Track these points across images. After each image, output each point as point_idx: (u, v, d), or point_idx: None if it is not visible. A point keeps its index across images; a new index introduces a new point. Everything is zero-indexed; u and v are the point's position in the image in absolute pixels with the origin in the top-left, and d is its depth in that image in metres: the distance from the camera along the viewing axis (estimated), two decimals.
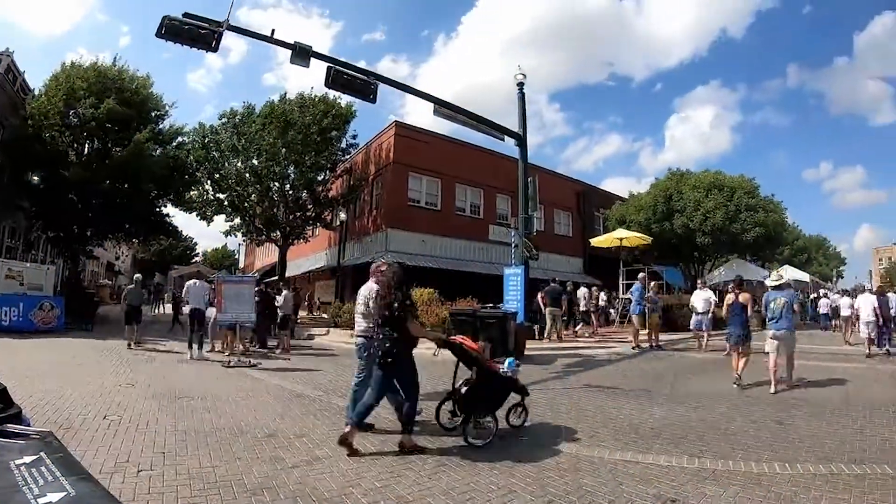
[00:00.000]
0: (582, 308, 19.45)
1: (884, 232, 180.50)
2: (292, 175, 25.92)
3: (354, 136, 27.21)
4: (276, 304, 14.79)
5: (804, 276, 31.21)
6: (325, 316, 24.13)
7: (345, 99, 24.50)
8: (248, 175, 25.38)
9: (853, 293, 20.33)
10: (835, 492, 4.31)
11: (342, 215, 26.02)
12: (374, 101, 12.44)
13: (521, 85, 15.40)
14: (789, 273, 29.26)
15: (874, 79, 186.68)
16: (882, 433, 6.14)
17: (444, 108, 13.85)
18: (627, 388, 8.97)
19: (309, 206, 26.77)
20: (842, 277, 64.83)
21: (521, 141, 14.91)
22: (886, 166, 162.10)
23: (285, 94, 26.01)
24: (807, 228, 67.62)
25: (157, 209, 25.71)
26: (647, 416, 6.95)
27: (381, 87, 12.54)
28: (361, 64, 16.78)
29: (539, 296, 17.06)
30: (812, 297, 28.68)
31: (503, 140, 15.13)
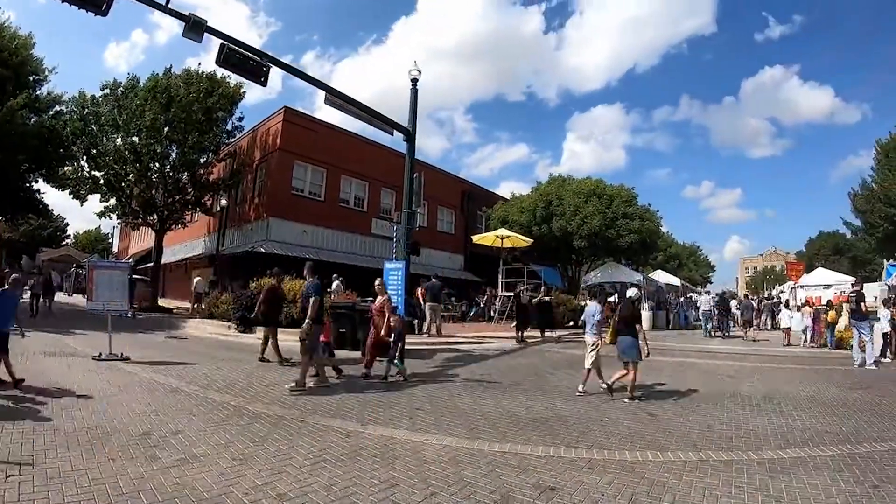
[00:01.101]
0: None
1: (751, 244, 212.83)
2: (173, 155, 24.26)
3: (241, 119, 25.97)
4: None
5: (675, 281, 33.53)
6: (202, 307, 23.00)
7: (234, 79, 23.25)
8: (127, 153, 23.30)
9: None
10: (704, 476, 4.69)
11: (223, 201, 24.89)
12: (264, 83, 11.92)
13: (414, 81, 15.38)
14: (661, 277, 31.42)
15: (756, 118, 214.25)
16: (743, 423, 6.83)
17: (335, 97, 13.57)
18: (505, 383, 9.22)
19: (189, 190, 25.21)
20: (710, 283, 70.63)
21: (409, 136, 14.89)
22: (760, 191, 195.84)
23: (170, 67, 24.33)
24: (681, 237, 73.18)
25: (28, 184, 23.41)
26: (524, 409, 7.20)
27: (313, 89, 12.08)
28: (287, 59, 16.09)
29: (418, 291, 17.20)
30: (682, 299, 31.00)
31: (392, 134, 15.03)
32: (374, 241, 25.41)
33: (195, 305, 22.89)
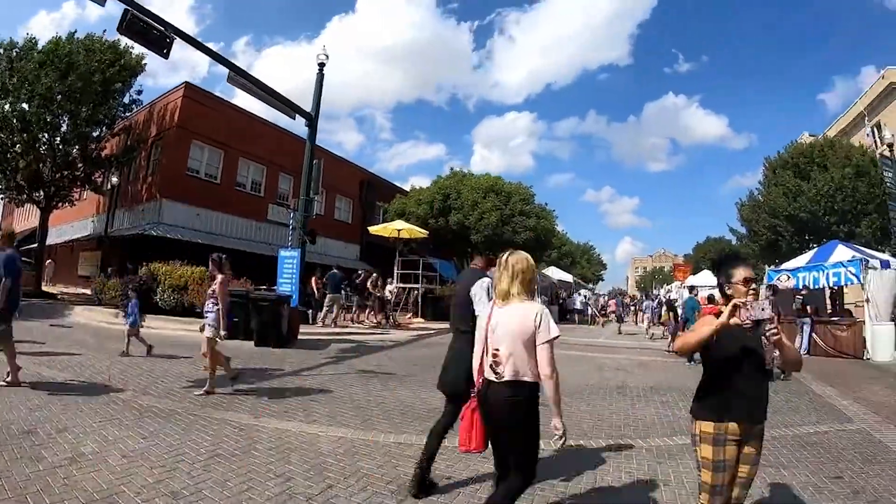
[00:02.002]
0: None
1: (642, 245, 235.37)
2: (65, 127, 22.32)
3: (140, 92, 24.31)
4: None
5: (568, 277, 34.83)
6: (87, 292, 21.62)
7: (137, 49, 21.80)
8: (14, 121, 21.19)
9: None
10: (595, 462, 5.01)
11: (114, 178, 23.49)
12: (166, 56, 11.41)
13: (321, 66, 15.18)
14: (554, 273, 32.59)
15: (656, 136, 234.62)
16: (632, 412, 7.31)
17: (238, 75, 13.17)
18: (400, 374, 9.35)
19: (79, 165, 23.36)
20: (602, 280, 73.90)
21: (311, 121, 14.70)
22: (656, 200, 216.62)
23: (74, 32, 22.23)
24: (575, 236, 75.99)
25: None
26: (418, 400, 7.33)
27: None
28: (218, 46, 15.26)
29: (313, 280, 17.01)
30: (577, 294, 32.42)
31: (293, 118, 14.81)
32: (270, 227, 24.81)
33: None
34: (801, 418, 7.22)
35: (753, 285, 2.90)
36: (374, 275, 18.68)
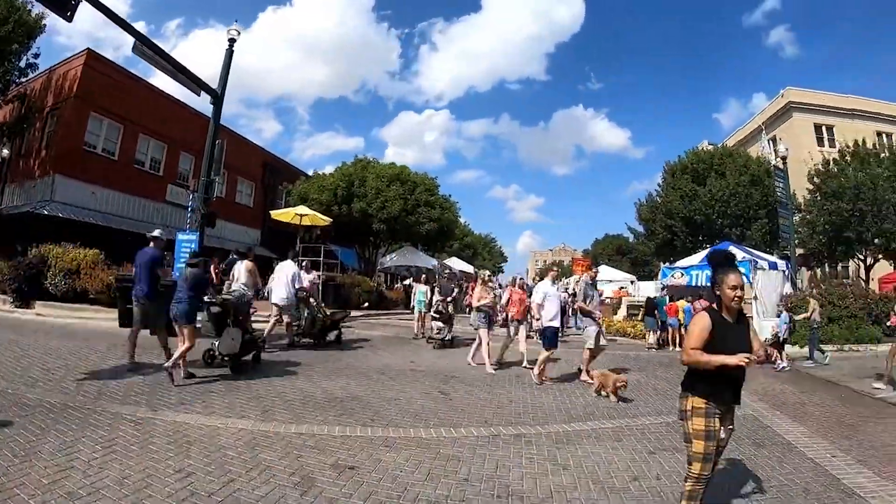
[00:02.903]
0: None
1: (541, 239, 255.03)
2: None
3: (37, 56, 21.97)
4: None
5: (469, 268, 35.37)
6: None
7: (36, 8, 19.81)
8: None
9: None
10: (496, 450, 5.22)
11: (5, 151, 21.74)
12: (70, 19, 10.59)
13: (232, 41, 14.69)
14: (456, 264, 33.11)
15: (563, 142, 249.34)
16: (531, 400, 7.59)
17: (144, 45, 12.49)
18: (302, 363, 9.26)
19: None
20: (503, 272, 75.62)
21: (217, 98, 14.19)
22: (559, 200, 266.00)
23: None
24: (478, 228, 77.29)
25: None
26: (318, 389, 7.36)
27: None
28: (143, 27, 14.25)
29: (212, 266, 16.45)
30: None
31: (199, 94, 14.19)
32: (169, 209, 23.94)
33: None
34: None
35: (739, 292, 3.49)
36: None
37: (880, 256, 27.60)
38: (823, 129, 40.06)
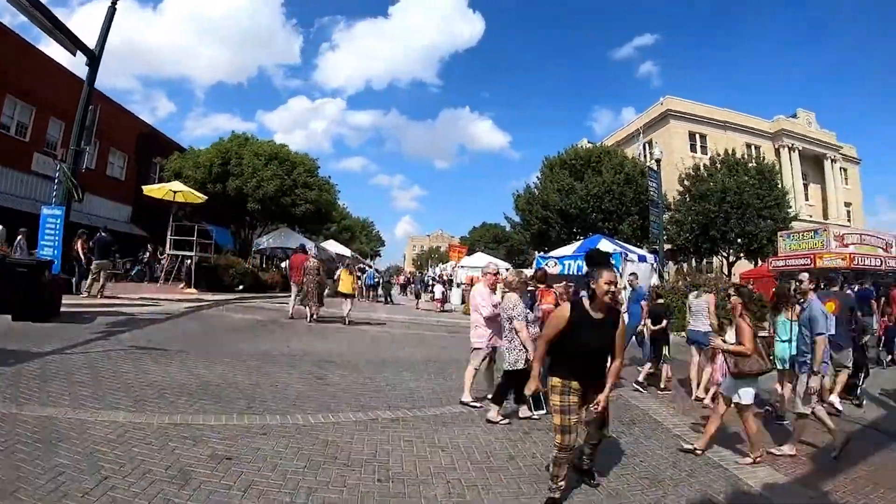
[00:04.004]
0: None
1: (419, 225, 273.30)
2: None
3: None
4: None
5: (346, 251, 35.38)
6: None
7: None
8: None
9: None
10: (374, 434, 5.36)
11: None
12: None
13: (114, 1, 13.79)
14: (333, 247, 33.09)
15: (447, 140, 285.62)
16: (406, 384, 7.85)
17: None
18: (173, 349, 8.86)
19: None
20: (380, 256, 76.16)
21: (93, 60, 13.24)
22: (439, 192, 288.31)
23: None
24: (357, 212, 77.13)
25: None
26: (193, 376, 7.15)
27: None
28: None
29: (78, 243, 15.39)
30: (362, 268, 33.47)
31: (74, 54, 13.15)
32: (34, 180, 21.95)
33: None
34: None
35: (613, 288, 4.02)
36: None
37: (742, 255, 30.66)
38: (697, 136, 44.03)
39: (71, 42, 12.70)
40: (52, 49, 39.04)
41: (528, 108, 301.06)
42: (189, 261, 20.37)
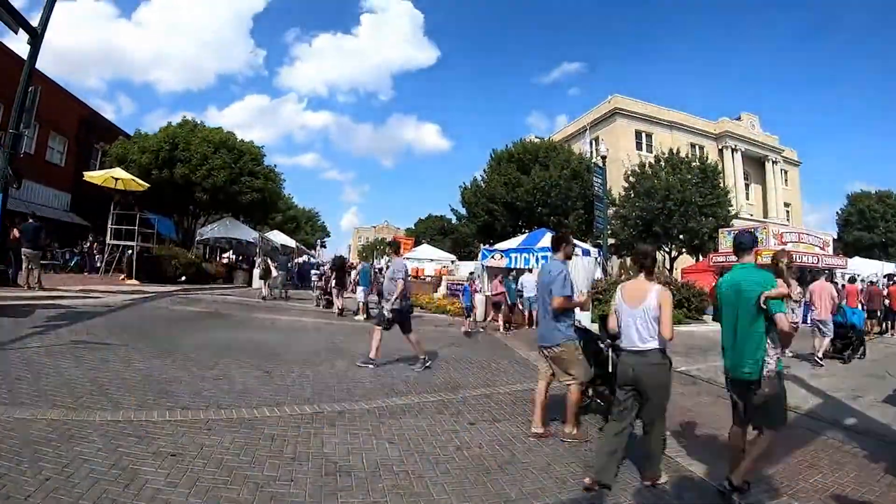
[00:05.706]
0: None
1: (364, 216, 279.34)
2: None
3: None
4: None
5: (291, 242, 35.02)
6: None
7: None
8: None
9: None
10: (321, 427, 5.40)
11: None
12: None
13: None
14: (278, 237, 32.82)
15: (394, 141, 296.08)
16: (353, 377, 7.83)
17: None
18: (115, 343, 8.71)
19: None
20: (325, 247, 75.68)
21: (35, 38, 12.67)
22: (385, 186, 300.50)
23: None
24: (302, 202, 76.40)
25: None
26: (136, 371, 7.03)
27: None
28: None
29: (14, 232, 14.83)
30: (299, 260, 33.05)
31: (16, 32, 12.56)
32: None
33: None
34: (509, 378, 8.71)
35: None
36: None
37: (684, 250, 31.73)
38: (643, 135, 45.23)
39: (12, 18, 12.12)
40: None
41: (472, 111, 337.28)
42: (130, 251, 19.80)
